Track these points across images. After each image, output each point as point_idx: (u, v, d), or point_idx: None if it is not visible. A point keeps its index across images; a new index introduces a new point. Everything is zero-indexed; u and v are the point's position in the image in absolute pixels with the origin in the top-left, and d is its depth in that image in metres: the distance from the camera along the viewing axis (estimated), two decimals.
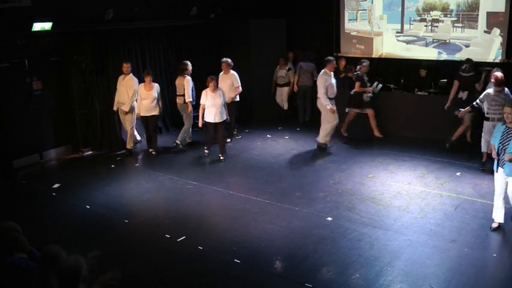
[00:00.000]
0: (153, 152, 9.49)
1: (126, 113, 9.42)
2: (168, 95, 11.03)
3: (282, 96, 11.69)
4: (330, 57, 9.48)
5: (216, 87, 8.88)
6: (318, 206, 6.99)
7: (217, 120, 8.88)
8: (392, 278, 5.15)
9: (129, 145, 9.66)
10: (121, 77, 9.44)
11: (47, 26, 8.44)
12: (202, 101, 8.89)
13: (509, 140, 5.75)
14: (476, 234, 6.03)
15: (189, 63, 9.81)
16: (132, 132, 9.61)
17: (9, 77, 8.68)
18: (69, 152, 9.77)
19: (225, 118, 8.97)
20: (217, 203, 7.29)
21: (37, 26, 8.30)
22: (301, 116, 11.78)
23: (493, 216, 6.12)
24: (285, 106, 11.80)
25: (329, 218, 6.59)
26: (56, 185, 8.11)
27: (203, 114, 8.97)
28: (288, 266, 5.61)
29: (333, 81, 9.20)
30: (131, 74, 9.41)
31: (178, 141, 9.75)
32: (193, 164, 9.20)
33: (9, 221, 3.75)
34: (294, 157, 9.20)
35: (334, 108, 9.09)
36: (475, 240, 5.80)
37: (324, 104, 9.02)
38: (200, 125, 9.05)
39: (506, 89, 7.92)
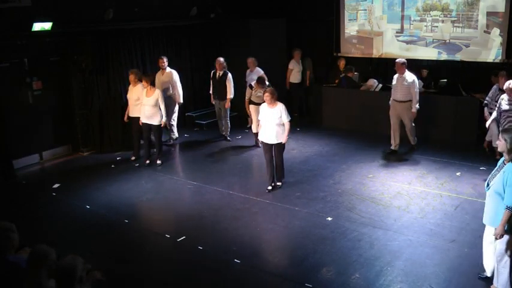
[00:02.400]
0: (158, 161, 8.93)
1: (179, 103, 10.05)
2: None
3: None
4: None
5: (275, 99, 7.36)
6: (318, 206, 6.99)
7: (273, 141, 7.48)
8: (392, 278, 5.16)
9: (174, 135, 10.25)
10: (159, 73, 9.97)
11: (47, 26, 8.45)
12: (260, 116, 7.64)
13: (495, 176, 4.57)
14: (476, 234, 6.01)
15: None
16: (175, 123, 10.17)
17: (9, 77, 8.68)
18: (69, 152, 9.77)
19: (282, 140, 7.46)
20: (217, 203, 7.29)
21: (37, 26, 8.31)
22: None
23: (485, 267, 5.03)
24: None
25: (329, 218, 6.59)
26: (56, 185, 8.11)
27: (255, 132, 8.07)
28: (288, 266, 5.61)
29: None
30: (168, 68, 9.92)
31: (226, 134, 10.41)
32: (193, 164, 9.20)
33: (3, 221, 3.74)
34: (294, 157, 9.20)
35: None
36: (475, 240, 5.79)
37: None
38: (260, 144, 7.95)
39: (494, 86, 8.18)
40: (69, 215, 7.04)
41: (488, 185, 4.62)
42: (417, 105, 8.76)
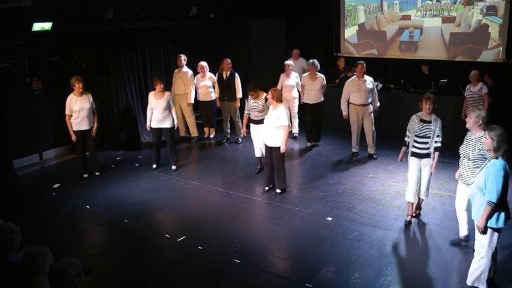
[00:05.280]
0: (173, 167, 8.61)
1: (188, 104, 10.10)
2: None
3: (259, 138, 8.10)
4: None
5: (277, 100, 7.13)
6: (318, 206, 6.99)
7: (271, 144, 7.28)
8: (392, 278, 5.16)
9: (194, 133, 10.44)
10: (176, 71, 10.21)
11: (47, 26, 8.46)
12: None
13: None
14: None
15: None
16: (193, 121, 10.35)
17: (9, 77, 8.69)
18: (69, 152, 9.77)
19: (281, 144, 7.17)
20: (217, 203, 7.29)
21: (37, 26, 8.32)
22: None
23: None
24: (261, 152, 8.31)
25: (329, 218, 6.59)
26: (56, 185, 8.11)
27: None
28: (288, 266, 5.61)
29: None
30: (185, 67, 10.08)
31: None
32: (193, 164, 9.21)
33: (8, 222, 3.75)
34: (294, 157, 9.20)
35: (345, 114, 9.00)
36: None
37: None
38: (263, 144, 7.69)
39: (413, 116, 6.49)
40: (69, 215, 7.04)
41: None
42: (378, 104, 8.95)
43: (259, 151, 8.26)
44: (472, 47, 10.53)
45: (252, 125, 8.21)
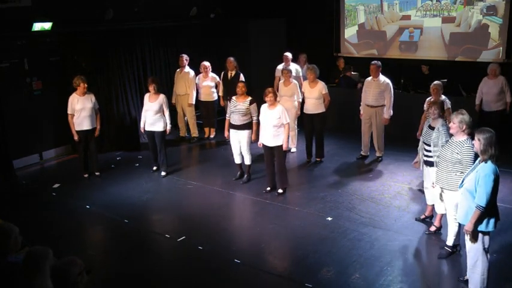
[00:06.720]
0: (163, 173, 8.34)
1: (189, 104, 10.09)
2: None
3: (241, 144, 7.81)
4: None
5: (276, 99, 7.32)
6: (318, 206, 6.99)
7: (271, 144, 7.26)
8: (392, 278, 5.16)
9: (195, 133, 10.41)
10: (178, 71, 10.20)
11: (47, 26, 8.46)
12: (260, 118, 7.36)
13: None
14: None
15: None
16: (194, 122, 10.31)
17: (9, 77, 8.68)
18: (69, 152, 9.76)
19: (282, 143, 7.19)
20: (217, 203, 7.29)
21: (37, 26, 8.32)
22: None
23: None
24: (247, 159, 7.90)
25: (329, 218, 6.59)
26: (56, 185, 8.11)
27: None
28: (288, 266, 5.61)
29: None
30: (187, 67, 10.07)
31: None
32: (193, 164, 9.20)
33: (8, 222, 3.75)
34: (294, 157, 9.20)
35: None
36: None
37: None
38: (260, 145, 7.48)
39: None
40: (69, 215, 7.04)
41: (462, 182, 4.63)
42: (391, 111, 8.49)
43: (238, 158, 7.99)
44: (472, 47, 10.54)
45: (231, 130, 7.80)
